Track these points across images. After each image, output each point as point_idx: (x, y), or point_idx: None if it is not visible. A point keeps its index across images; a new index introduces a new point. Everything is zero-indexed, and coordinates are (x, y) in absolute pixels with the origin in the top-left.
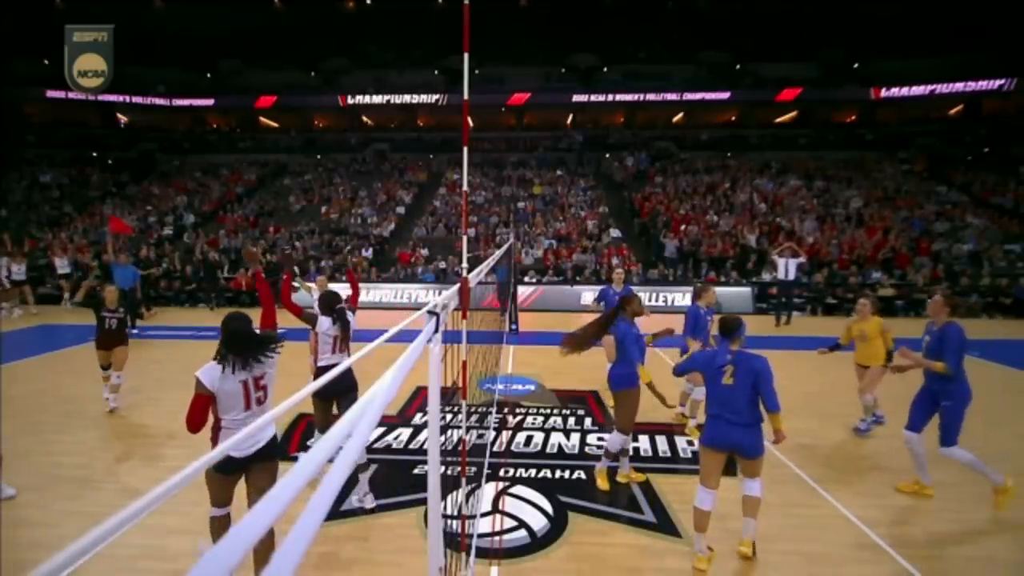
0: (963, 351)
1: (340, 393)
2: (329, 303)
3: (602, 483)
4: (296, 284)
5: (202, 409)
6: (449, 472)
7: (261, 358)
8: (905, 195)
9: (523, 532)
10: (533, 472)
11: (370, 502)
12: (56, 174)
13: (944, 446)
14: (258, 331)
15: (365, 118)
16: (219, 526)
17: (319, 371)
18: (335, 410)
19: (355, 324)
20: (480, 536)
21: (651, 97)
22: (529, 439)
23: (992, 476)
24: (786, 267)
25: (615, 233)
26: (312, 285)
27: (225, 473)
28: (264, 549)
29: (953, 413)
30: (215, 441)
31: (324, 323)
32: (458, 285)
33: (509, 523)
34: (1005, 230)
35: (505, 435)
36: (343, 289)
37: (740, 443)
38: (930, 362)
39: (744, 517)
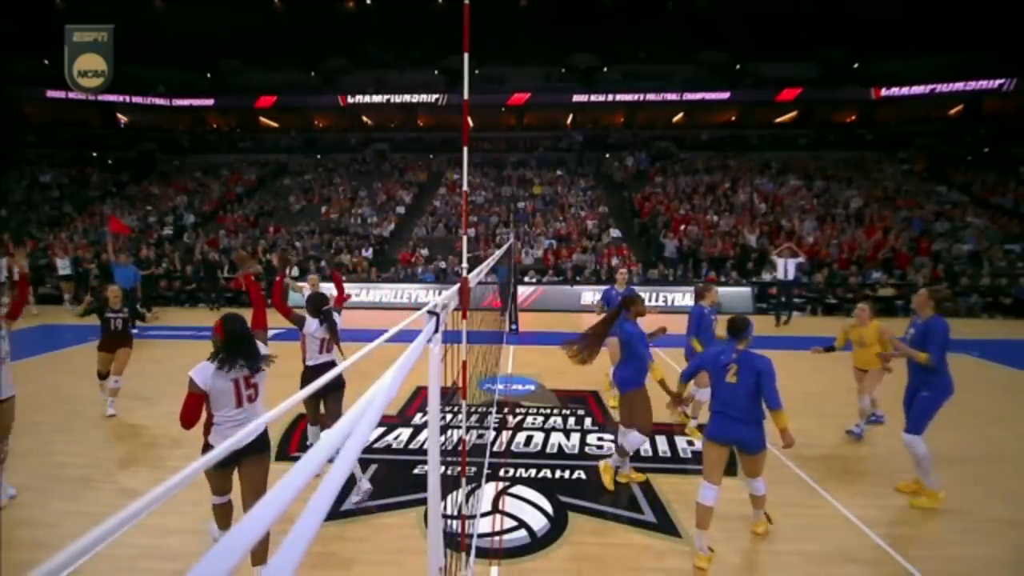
0: (946, 345)
1: (327, 391)
2: (316, 305)
3: (608, 481)
4: (288, 284)
5: (195, 407)
6: (449, 472)
7: (252, 362)
8: (905, 195)
9: (523, 532)
10: (533, 472)
11: (365, 484)
12: (56, 174)
13: (907, 432)
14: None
15: (365, 118)
16: (222, 512)
17: (307, 370)
18: (322, 408)
19: (341, 324)
20: (480, 536)
21: (651, 97)
22: (529, 439)
23: (930, 480)
24: (785, 267)
25: (615, 233)
26: (304, 285)
27: (221, 466)
28: (260, 547)
29: (928, 404)
30: (207, 434)
31: (312, 324)
32: (458, 285)
33: (509, 523)
34: (1005, 230)
35: (505, 435)
36: (333, 290)
37: (743, 439)
38: (914, 352)
39: (753, 509)
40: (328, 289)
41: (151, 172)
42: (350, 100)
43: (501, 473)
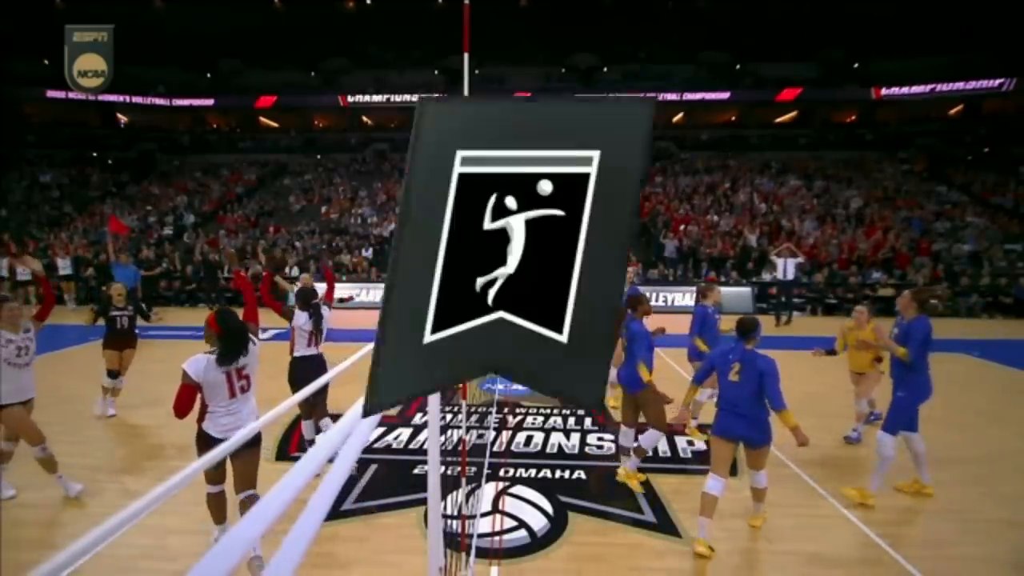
0: (927, 345)
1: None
2: (305, 298)
3: (635, 485)
4: (278, 282)
5: (189, 398)
6: (449, 472)
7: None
8: (905, 195)
9: (523, 532)
10: (533, 472)
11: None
12: (56, 174)
13: (883, 430)
14: None
15: (365, 118)
16: (216, 503)
17: (295, 361)
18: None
19: (329, 319)
20: (480, 536)
21: (651, 97)
22: (529, 439)
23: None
24: (785, 267)
25: None
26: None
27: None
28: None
29: (903, 403)
30: (200, 421)
31: (300, 318)
32: None
33: (509, 523)
34: (1005, 230)
35: (505, 435)
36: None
37: (746, 435)
38: (894, 345)
39: (754, 502)
40: (324, 288)
41: (151, 172)
42: (350, 100)
43: (501, 473)
